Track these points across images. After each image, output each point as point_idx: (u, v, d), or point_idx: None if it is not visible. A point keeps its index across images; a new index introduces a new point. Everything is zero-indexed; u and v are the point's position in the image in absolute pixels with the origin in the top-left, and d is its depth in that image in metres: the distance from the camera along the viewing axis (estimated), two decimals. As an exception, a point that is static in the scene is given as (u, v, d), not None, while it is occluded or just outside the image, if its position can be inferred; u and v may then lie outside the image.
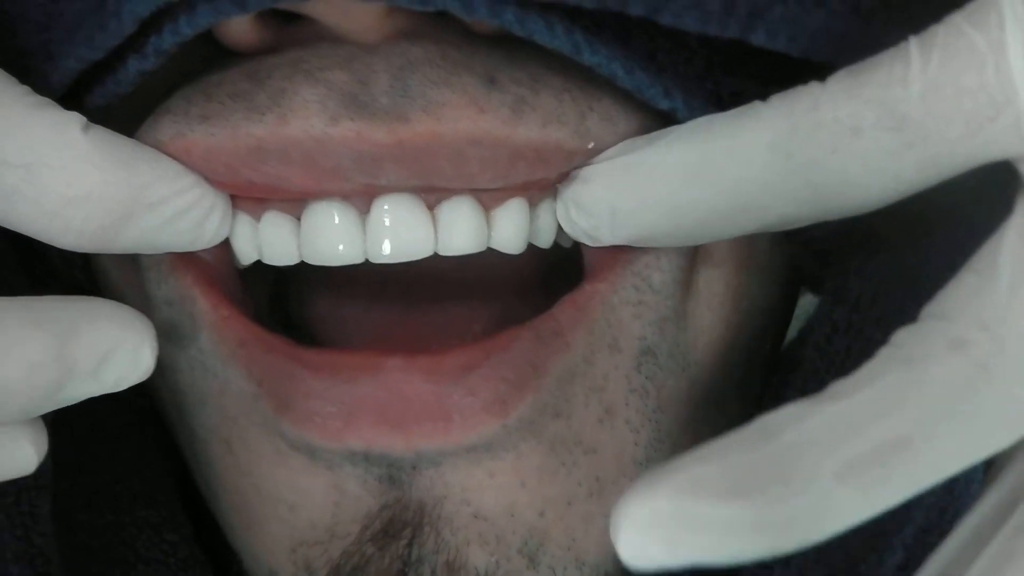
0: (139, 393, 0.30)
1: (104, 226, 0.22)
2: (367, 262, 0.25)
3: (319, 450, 0.24)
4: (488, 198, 0.24)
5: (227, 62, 0.24)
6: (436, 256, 0.25)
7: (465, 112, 0.22)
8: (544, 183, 0.24)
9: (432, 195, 0.24)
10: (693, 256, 0.26)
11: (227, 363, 0.25)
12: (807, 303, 0.31)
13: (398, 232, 0.24)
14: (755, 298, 0.27)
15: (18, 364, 0.20)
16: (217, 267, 0.26)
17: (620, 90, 0.23)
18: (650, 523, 0.20)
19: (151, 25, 0.22)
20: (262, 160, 0.23)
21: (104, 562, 0.29)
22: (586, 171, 0.23)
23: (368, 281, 0.29)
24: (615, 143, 0.23)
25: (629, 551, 0.20)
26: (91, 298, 0.22)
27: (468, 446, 0.23)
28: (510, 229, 0.25)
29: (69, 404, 0.22)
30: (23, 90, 0.22)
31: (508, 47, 0.23)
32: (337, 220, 0.24)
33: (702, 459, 0.20)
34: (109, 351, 0.22)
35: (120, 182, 0.22)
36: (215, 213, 0.24)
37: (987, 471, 0.22)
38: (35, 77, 0.23)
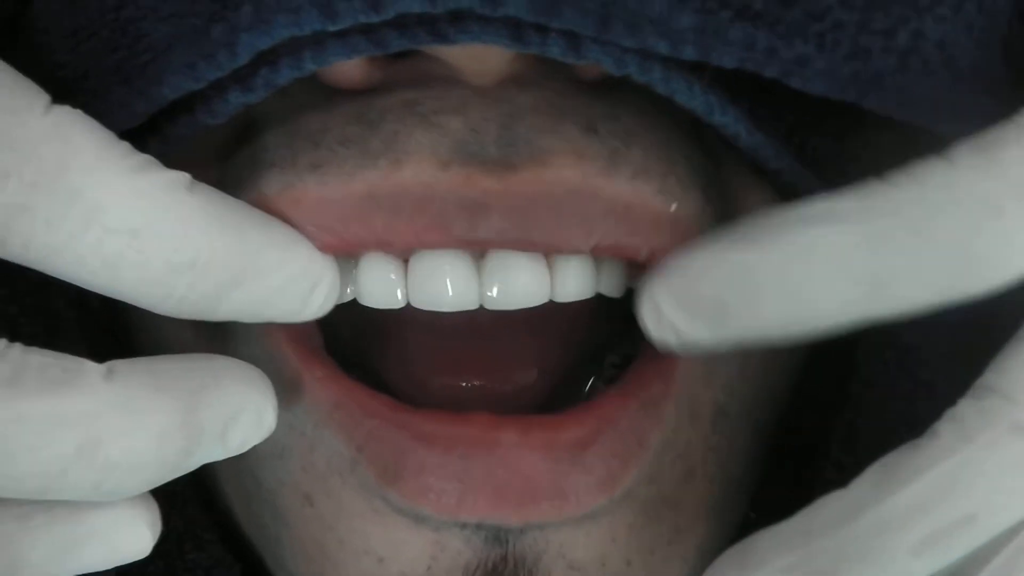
0: None
1: (207, 294, 0.21)
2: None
3: (428, 518, 0.24)
4: None
5: (323, 103, 0.23)
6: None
7: (567, 159, 0.23)
8: (631, 253, 0.24)
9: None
10: None
11: (320, 425, 0.24)
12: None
13: (513, 279, 0.24)
14: None
15: (147, 435, 0.20)
16: None
17: (691, 161, 0.24)
18: None
19: (261, 55, 0.21)
20: (373, 210, 0.23)
21: None
22: (684, 258, 0.21)
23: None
24: (690, 212, 0.24)
25: None
26: (212, 356, 0.22)
27: (577, 518, 0.24)
28: (614, 274, 0.25)
29: (189, 471, 0.21)
30: (123, 149, 0.21)
31: (608, 95, 0.24)
32: (450, 265, 0.24)
33: (784, 547, 0.21)
34: (235, 414, 0.21)
35: (228, 248, 0.21)
36: (323, 283, 0.23)
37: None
38: (110, 103, 0.22)
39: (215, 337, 0.25)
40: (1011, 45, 0.23)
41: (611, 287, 0.26)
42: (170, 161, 0.21)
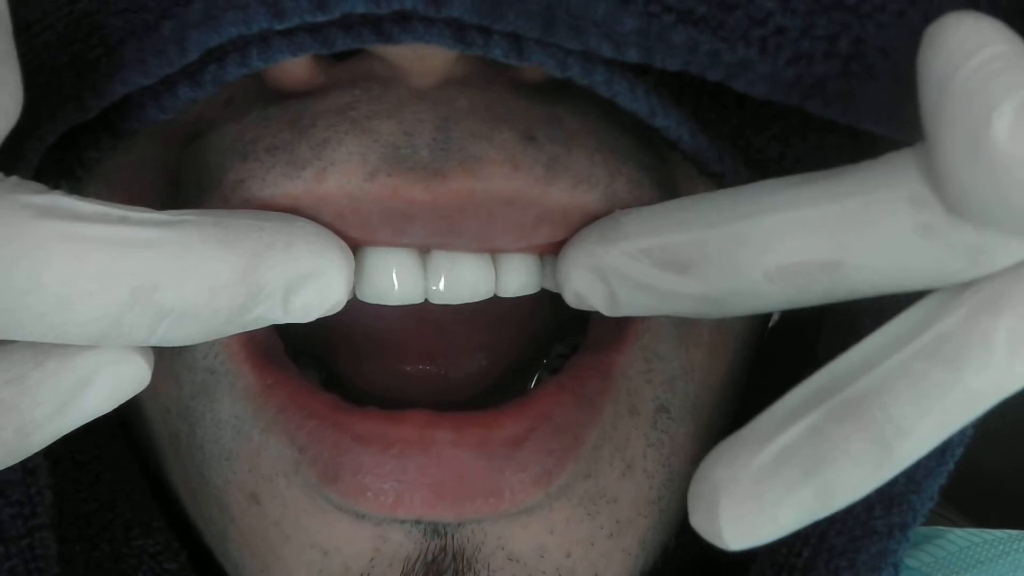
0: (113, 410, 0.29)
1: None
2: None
3: (368, 515, 0.24)
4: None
5: (263, 110, 0.23)
6: None
7: (501, 169, 0.22)
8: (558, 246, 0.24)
9: None
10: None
11: (266, 430, 0.25)
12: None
13: (458, 274, 0.24)
14: (744, 331, 0.29)
15: (201, 285, 0.20)
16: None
17: (642, 159, 0.24)
18: (595, 278, 0.22)
19: (210, 52, 0.21)
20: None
21: None
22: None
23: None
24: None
25: (573, 297, 0.23)
26: (291, 218, 0.22)
27: (513, 513, 0.24)
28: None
29: (253, 328, 0.21)
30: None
31: (550, 98, 0.24)
32: (396, 260, 0.24)
33: (651, 230, 0.22)
34: (300, 279, 0.21)
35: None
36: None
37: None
38: (63, 98, 0.22)
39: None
40: None
41: (556, 283, 0.26)
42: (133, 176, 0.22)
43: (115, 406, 0.21)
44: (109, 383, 0.20)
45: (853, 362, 0.21)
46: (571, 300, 0.23)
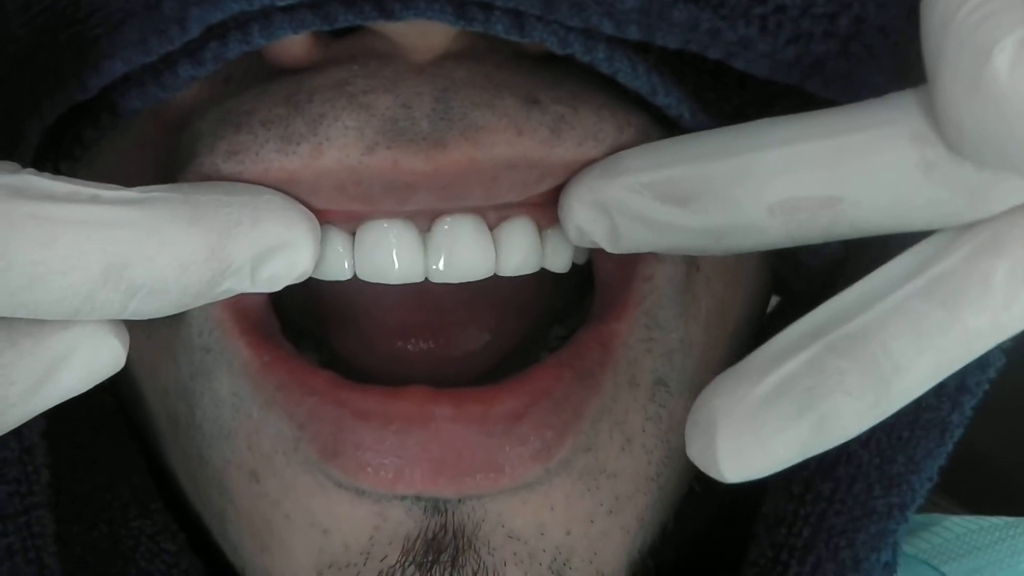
0: (110, 392, 0.29)
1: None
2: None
3: (368, 491, 0.24)
4: (541, 217, 0.25)
5: (260, 85, 0.23)
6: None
7: (503, 136, 0.22)
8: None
9: (492, 214, 0.24)
10: (691, 286, 0.27)
11: (265, 407, 0.25)
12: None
13: (459, 252, 0.24)
14: (742, 311, 0.29)
15: (170, 263, 0.20)
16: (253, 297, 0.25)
17: (652, 107, 0.24)
18: (597, 212, 0.22)
19: (211, 30, 0.21)
20: (290, 190, 0.23)
21: None
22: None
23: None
24: None
25: (575, 231, 0.23)
26: (258, 191, 0.22)
27: (513, 488, 0.24)
28: (559, 250, 0.25)
29: (224, 298, 0.22)
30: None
31: (552, 66, 0.24)
32: (396, 238, 0.24)
33: (651, 165, 0.22)
34: (268, 252, 0.21)
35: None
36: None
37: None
38: (63, 77, 0.22)
39: (170, 323, 0.25)
40: None
41: (556, 263, 0.26)
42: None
43: (90, 386, 0.21)
44: (84, 363, 0.21)
45: (853, 299, 0.21)
46: (573, 236, 0.23)
